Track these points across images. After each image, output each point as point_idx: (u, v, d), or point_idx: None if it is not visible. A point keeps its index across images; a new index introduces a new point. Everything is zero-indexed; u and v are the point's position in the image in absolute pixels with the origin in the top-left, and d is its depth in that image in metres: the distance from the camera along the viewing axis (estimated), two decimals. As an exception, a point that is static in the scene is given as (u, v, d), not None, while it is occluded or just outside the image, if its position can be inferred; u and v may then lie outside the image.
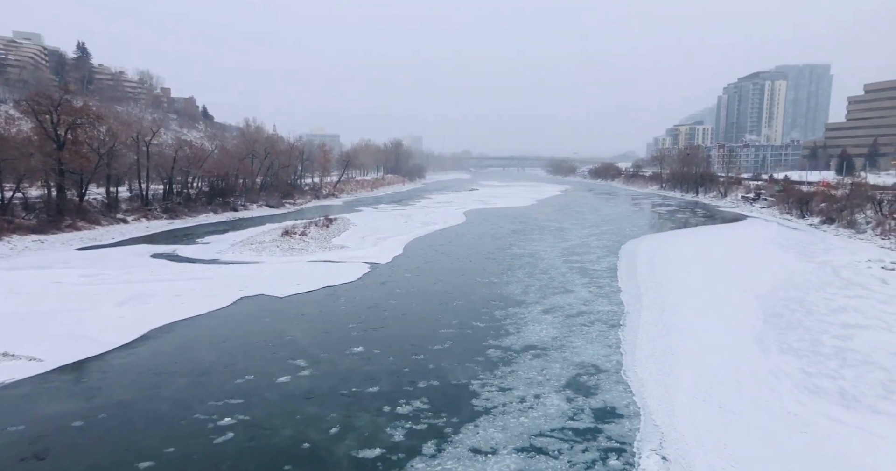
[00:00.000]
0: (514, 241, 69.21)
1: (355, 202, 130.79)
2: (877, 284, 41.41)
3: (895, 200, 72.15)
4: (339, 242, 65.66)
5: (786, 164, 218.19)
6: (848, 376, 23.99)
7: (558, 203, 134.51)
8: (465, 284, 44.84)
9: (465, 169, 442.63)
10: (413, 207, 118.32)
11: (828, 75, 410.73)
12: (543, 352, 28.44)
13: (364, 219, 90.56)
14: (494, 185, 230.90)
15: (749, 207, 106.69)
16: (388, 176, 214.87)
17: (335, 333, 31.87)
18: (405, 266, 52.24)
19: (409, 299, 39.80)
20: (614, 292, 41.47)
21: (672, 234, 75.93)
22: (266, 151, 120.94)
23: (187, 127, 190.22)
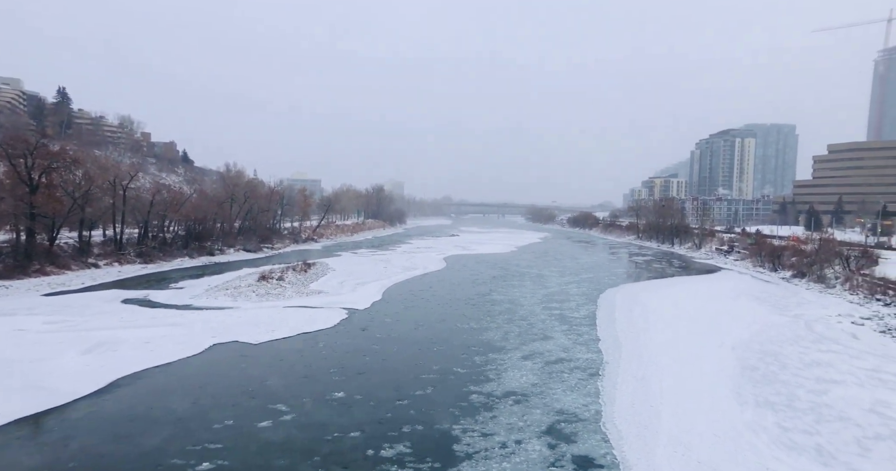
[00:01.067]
0: (494, 287, 69.58)
1: (335, 247, 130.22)
2: (848, 338, 42.21)
3: (861, 256, 74.59)
4: (317, 287, 65.00)
5: (757, 218, 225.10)
6: (824, 431, 24.11)
7: (538, 250, 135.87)
8: (446, 330, 44.85)
9: (445, 215, 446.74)
10: (393, 252, 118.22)
11: (794, 134, 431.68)
12: (524, 398, 28.61)
13: (343, 264, 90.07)
14: (475, 231, 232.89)
15: (723, 259, 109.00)
16: (369, 221, 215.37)
17: (316, 378, 31.51)
18: (385, 312, 51.95)
19: (389, 345, 39.63)
20: (593, 341, 41.77)
21: (649, 283, 76.89)
22: (245, 195, 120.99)
23: (166, 171, 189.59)
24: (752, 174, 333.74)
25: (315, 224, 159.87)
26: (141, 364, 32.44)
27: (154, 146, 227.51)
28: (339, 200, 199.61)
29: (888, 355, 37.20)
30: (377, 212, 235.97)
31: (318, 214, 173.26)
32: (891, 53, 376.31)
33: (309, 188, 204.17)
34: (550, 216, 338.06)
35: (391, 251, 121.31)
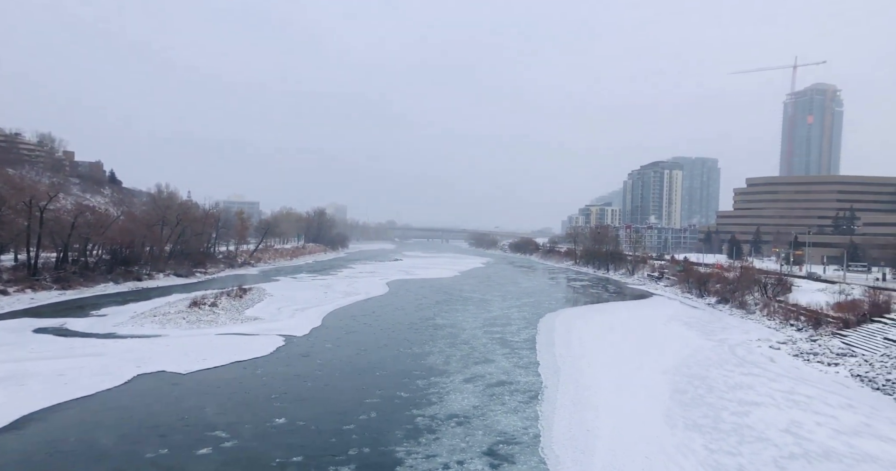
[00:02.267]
0: (437, 311, 70.04)
1: (273, 271, 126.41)
2: (766, 362, 45.04)
3: (777, 283, 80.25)
4: (254, 313, 62.83)
5: (685, 246, 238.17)
6: (745, 452, 25.51)
7: (481, 275, 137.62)
8: (389, 355, 44.86)
9: (389, 239, 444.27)
10: (335, 277, 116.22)
11: (716, 168, 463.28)
12: (466, 420, 29.25)
13: (281, 289, 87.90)
14: (419, 255, 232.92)
15: (654, 284, 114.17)
16: (310, 245, 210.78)
17: (255, 405, 30.87)
18: (326, 338, 51.27)
19: (331, 371, 39.37)
20: (533, 364, 42.87)
21: (586, 308, 79.44)
22: (178, 217, 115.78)
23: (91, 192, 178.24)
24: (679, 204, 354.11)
25: (253, 248, 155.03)
26: (53, 398, 29.93)
27: (78, 166, 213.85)
28: (278, 224, 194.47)
29: (801, 377, 39.97)
30: (318, 236, 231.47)
31: (257, 238, 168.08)
32: (797, 97, 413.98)
33: (247, 211, 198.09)
34: (493, 242, 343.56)
35: (332, 276, 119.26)
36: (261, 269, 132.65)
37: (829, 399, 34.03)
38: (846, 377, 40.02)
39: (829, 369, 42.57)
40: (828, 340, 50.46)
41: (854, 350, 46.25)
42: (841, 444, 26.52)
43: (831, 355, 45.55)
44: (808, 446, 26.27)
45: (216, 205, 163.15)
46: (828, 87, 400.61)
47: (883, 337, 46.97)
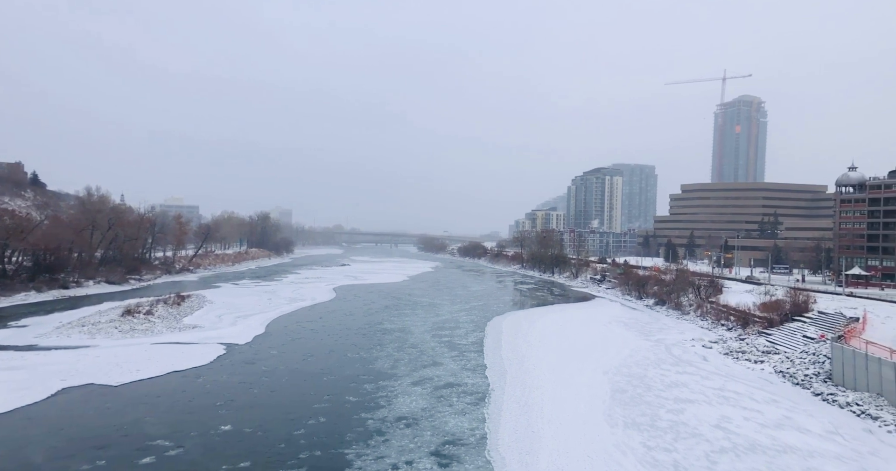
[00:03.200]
0: (385, 316, 70.12)
1: (214, 277, 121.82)
2: (699, 360, 47.45)
3: (710, 285, 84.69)
4: (193, 321, 60.55)
5: (625, 249, 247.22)
6: (680, 448, 26.83)
7: (430, 279, 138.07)
8: (336, 360, 44.81)
9: (336, 244, 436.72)
10: (279, 283, 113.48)
11: (654, 174, 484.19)
12: (415, 422, 29.80)
13: (223, 295, 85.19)
14: (366, 260, 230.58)
15: (597, 287, 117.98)
16: (253, 250, 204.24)
17: (200, 413, 30.25)
18: (270, 345, 50.44)
19: (277, 377, 38.93)
20: (480, 367, 43.70)
21: (532, 311, 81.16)
22: (110, 222, 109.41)
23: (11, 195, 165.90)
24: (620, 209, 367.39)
25: (192, 253, 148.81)
26: (-36, 417, 27.90)
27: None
28: (219, 228, 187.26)
29: (730, 375, 42.37)
30: (262, 241, 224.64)
31: (196, 243, 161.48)
32: (726, 108, 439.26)
33: (185, 215, 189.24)
34: (442, 246, 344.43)
35: (277, 282, 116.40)
36: (201, 275, 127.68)
37: (756, 395, 36.24)
38: (770, 374, 42.72)
39: (755, 366, 45.31)
40: (755, 339, 53.71)
41: (777, 348, 49.45)
42: (765, 437, 28.33)
43: (757, 353, 48.51)
44: (737, 440, 27.92)
45: (152, 208, 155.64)
46: (753, 99, 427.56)
47: (802, 335, 50.47)
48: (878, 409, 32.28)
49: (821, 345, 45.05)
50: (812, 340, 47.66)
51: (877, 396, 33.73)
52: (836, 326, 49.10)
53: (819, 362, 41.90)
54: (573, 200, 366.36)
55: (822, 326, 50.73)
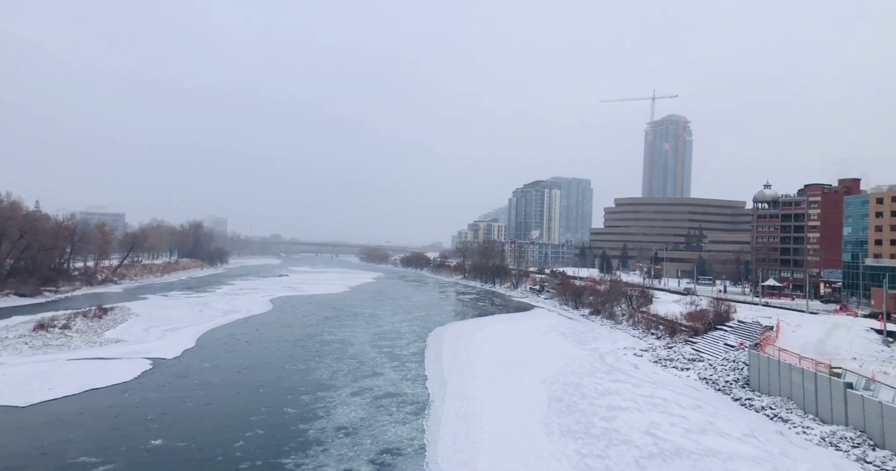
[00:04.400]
0: (325, 327, 69.15)
1: (140, 289, 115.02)
2: (631, 369, 49.42)
3: (641, 295, 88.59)
4: (115, 335, 57.08)
5: (563, 260, 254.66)
6: (612, 454, 27.82)
7: (372, 290, 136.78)
8: (273, 373, 43.85)
9: (274, 254, 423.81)
10: (213, 294, 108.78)
11: (589, 188, 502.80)
12: (354, 431, 29.75)
13: (150, 308, 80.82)
14: (306, 271, 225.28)
15: (536, 297, 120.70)
16: (184, 260, 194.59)
17: (128, 429, 28.85)
18: (202, 358, 48.64)
19: (212, 390, 37.70)
20: (421, 377, 43.78)
21: (473, 321, 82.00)
22: (22, 230, 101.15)
23: None
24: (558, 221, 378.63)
25: (117, 264, 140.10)
26: None
27: None
28: (147, 237, 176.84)
29: (659, 382, 44.40)
30: (194, 250, 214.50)
31: (122, 253, 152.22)
32: (655, 126, 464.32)
33: (110, 223, 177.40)
34: (384, 256, 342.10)
35: (210, 293, 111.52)
36: (126, 286, 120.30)
37: (682, 401, 38.16)
38: (695, 380, 45.11)
39: (682, 373, 47.71)
40: (681, 347, 56.58)
41: (702, 355, 52.31)
42: (690, 442, 29.88)
43: (684, 361, 51.11)
44: (664, 445, 29.27)
45: (72, 216, 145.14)
46: (680, 118, 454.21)
47: (724, 343, 53.67)
48: (788, 412, 34.76)
49: (740, 352, 48.05)
50: (732, 348, 50.76)
51: (787, 399, 36.33)
52: (753, 334, 52.56)
53: (738, 368, 44.66)
54: (513, 212, 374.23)
55: (742, 335, 54.15)
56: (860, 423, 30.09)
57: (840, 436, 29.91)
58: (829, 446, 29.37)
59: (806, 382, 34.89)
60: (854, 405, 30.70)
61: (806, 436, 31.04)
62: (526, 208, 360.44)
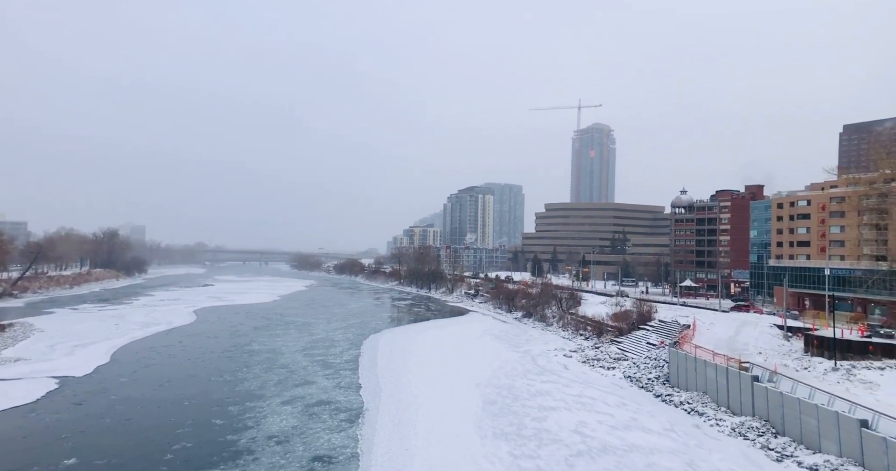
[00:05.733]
0: (254, 338, 67.16)
1: (46, 303, 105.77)
2: (561, 369, 50.98)
3: (570, 298, 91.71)
4: (14, 353, 52.40)
5: (497, 264, 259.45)
6: (543, 454, 28.55)
7: (304, 298, 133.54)
8: (198, 385, 42.22)
9: (198, 263, 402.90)
10: (130, 306, 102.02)
11: (521, 194, 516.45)
12: (286, 440, 29.35)
13: (57, 323, 74.64)
14: (233, 280, 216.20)
15: (471, 301, 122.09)
16: (97, 270, 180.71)
17: (39, 450, 27.04)
18: (119, 373, 45.88)
19: (132, 406, 35.88)
20: (355, 385, 43.32)
21: (409, 327, 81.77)
22: None
23: None
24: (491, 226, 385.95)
25: (17, 276, 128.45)
26: None
27: None
28: (54, 247, 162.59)
29: (587, 381, 46.07)
30: (109, 260, 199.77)
31: (24, 264, 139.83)
32: (582, 133, 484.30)
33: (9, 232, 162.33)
34: (317, 263, 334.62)
35: (127, 305, 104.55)
36: (28, 300, 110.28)
37: (608, 399, 39.78)
38: (621, 379, 47.17)
39: (608, 372, 49.75)
40: (608, 347, 59.03)
41: (627, 354, 54.80)
42: (615, 438, 31.20)
43: (610, 360, 53.34)
44: (592, 443, 30.40)
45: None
46: (604, 127, 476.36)
47: (646, 342, 56.52)
48: (703, 406, 37.07)
49: (661, 350, 50.77)
50: (654, 347, 53.54)
51: (703, 394, 38.75)
52: (672, 333, 55.69)
53: (659, 366, 47.16)
54: (449, 217, 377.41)
55: (662, 333, 57.24)
56: (765, 413, 32.58)
57: (748, 426, 32.24)
58: (738, 436, 31.59)
59: (719, 376, 37.37)
60: (760, 397, 33.20)
61: (719, 428, 33.23)
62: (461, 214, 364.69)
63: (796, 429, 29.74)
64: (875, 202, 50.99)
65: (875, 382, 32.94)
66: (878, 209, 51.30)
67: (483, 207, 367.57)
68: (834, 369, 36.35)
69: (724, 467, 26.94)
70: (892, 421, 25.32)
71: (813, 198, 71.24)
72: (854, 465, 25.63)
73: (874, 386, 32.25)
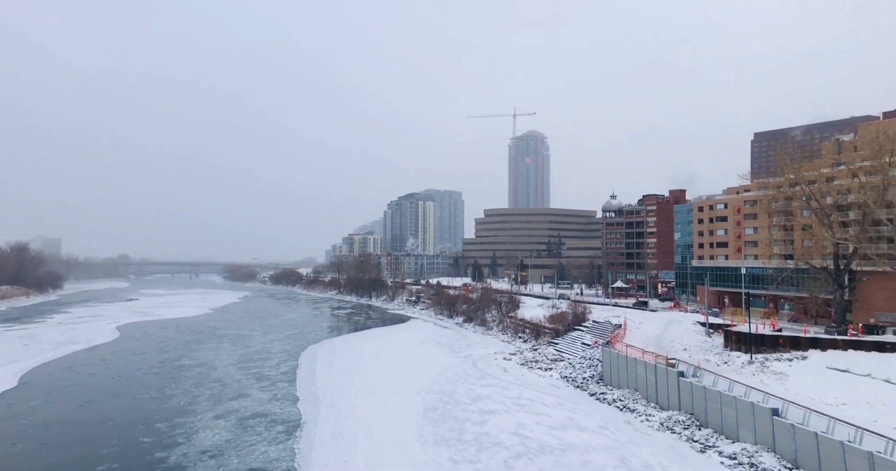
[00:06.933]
0: (184, 352, 64.43)
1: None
2: (501, 372, 51.79)
3: (510, 301, 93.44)
4: None
5: (438, 270, 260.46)
6: (483, 458, 28.93)
7: (239, 310, 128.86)
8: (122, 404, 40.07)
9: (122, 276, 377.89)
10: (42, 325, 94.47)
11: (461, 200, 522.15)
12: (219, 454, 28.51)
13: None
14: (160, 293, 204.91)
15: (412, 308, 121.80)
16: (4, 287, 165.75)
17: None
18: (31, 396, 42.67)
19: (48, 429, 33.64)
20: (292, 397, 42.24)
21: (349, 337, 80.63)
22: None
23: None
24: (432, 232, 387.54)
25: None
26: None
27: None
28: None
29: (526, 383, 47.04)
30: (18, 276, 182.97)
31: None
32: (518, 141, 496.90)
33: None
34: (252, 274, 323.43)
35: (39, 324, 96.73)
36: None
37: (546, 400, 40.79)
38: (558, 379, 48.49)
39: (546, 373, 51.02)
40: (545, 349, 60.55)
41: (563, 355, 56.42)
42: (553, 438, 32.03)
43: (547, 361, 54.73)
44: (530, 444, 31.07)
45: None
46: (538, 134, 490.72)
47: (581, 342, 58.43)
48: (634, 402, 38.75)
49: (595, 350, 52.64)
50: (588, 347, 55.44)
51: (634, 391, 40.50)
52: (605, 332, 57.89)
53: (594, 365, 48.88)
54: (389, 224, 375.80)
55: (596, 333, 59.37)
56: (690, 406, 34.47)
57: (675, 420, 34.00)
58: (666, 430, 33.24)
59: (648, 373, 39.19)
60: (685, 392, 35.10)
61: (648, 423, 34.82)
62: (401, 220, 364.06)
63: (717, 421, 31.65)
64: (782, 205, 55.30)
65: (785, 372, 35.63)
66: (785, 211, 55.64)
67: (423, 213, 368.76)
68: (750, 363, 39.02)
69: (654, 460, 28.23)
70: (800, 408, 27.47)
71: (729, 201, 76.34)
72: (767, 451, 27.57)
73: (784, 377, 34.88)
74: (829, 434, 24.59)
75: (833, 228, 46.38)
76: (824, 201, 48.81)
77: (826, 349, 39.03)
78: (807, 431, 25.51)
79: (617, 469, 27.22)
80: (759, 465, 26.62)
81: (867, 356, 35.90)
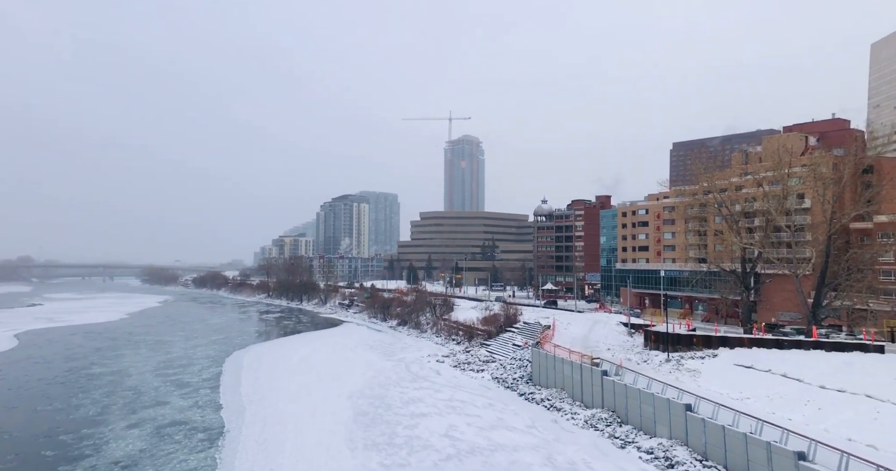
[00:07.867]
0: (94, 360, 60.51)
1: None
2: (434, 375, 51.95)
3: (444, 304, 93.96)
4: None
5: (372, 273, 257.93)
6: (413, 461, 28.88)
7: (158, 315, 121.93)
8: (20, 417, 37.12)
9: (24, 280, 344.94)
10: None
11: (397, 202, 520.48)
12: (133, 464, 27.38)
13: None
14: (69, 297, 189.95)
15: (345, 312, 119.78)
16: None
17: None
18: None
19: None
20: (215, 405, 40.54)
21: (278, 342, 78.16)
22: None
23: None
24: (367, 235, 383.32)
25: None
26: None
27: None
28: None
29: (458, 385, 47.44)
30: None
31: None
32: (453, 144, 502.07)
33: None
34: (173, 277, 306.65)
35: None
36: None
37: (477, 401, 41.30)
38: (489, 380, 49.24)
39: (478, 375, 51.68)
40: (478, 350, 61.35)
41: (495, 356, 57.38)
42: (483, 439, 32.47)
43: (479, 363, 55.47)
44: (461, 445, 31.33)
45: None
46: (473, 139, 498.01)
47: (512, 343, 59.67)
48: (561, 401, 40.02)
49: (525, 351, 53.91)
50: (519, 348, 56.70)
51: (561, 390, 41.83)
52: (535, 333, 59.42)
53: (524, 366, 50.04)
54: (322, 226, 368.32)
55: (526, 335, 60.83)
56: (612, 404, 36.03)
57: (598, 418, 35.42)
58: (590, 428, 34.54)
59: (574, 373, 40.61)
60: (608, 390, 36.65)
61: (574, 421, 36.06)
62: (335, 222, 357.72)
63: (637, 417, 33.28)
64: (697, 212, 59.11)
65: (698, 370, 38.00)
66: (700, 218, 59.50)
67: (358, 215, 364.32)
68: (667, 361, 41.31)
69: (578, 458, 29.27)
70: (710, 403, 29.41)
71: (650, 207, 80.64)
72: (681, 445, 29.29)
73: (697, 374, 37.20)
74: (734, 427, 26.47)
75: (741, 234, 50.03)
76: (733, 208, 52.63)
77: (734, 347, 41.96)
78: (715, 424, 27.34)
79: (543, 467, 27.95)
80: (672, 458, 28.22)
81: (769, 353, 38.91)
